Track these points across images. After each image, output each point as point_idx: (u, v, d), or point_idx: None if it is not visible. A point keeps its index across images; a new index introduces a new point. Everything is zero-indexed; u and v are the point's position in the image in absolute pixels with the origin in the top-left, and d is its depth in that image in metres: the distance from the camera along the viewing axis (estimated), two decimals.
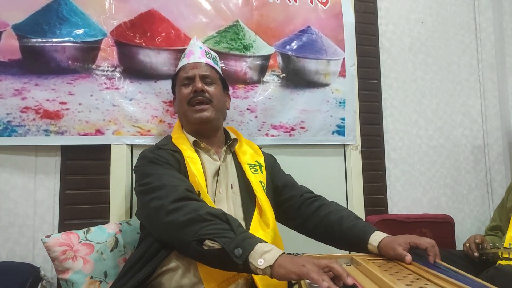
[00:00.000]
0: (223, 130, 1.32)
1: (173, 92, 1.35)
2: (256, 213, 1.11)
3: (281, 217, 1.24)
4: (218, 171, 1.15)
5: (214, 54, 1.36)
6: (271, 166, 1.31)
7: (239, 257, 0.77)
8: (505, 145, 2.18)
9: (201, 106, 1.18)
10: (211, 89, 1.21)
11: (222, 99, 1.27)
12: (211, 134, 1.24)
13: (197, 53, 1.28)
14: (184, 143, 1.16)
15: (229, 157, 1.23)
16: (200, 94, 1.18)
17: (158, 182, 0.98)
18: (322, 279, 0.69)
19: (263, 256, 0.77)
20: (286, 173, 1.36)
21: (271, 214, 1.13)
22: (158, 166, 1.05)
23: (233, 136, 1.28)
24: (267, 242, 0.81)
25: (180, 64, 1.29)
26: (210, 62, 1.27)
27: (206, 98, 1.19)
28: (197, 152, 1.17)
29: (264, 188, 1.18)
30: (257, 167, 1.22)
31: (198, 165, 1.10)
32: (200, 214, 0.86)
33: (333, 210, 1.14)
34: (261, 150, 1.35)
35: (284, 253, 0.79)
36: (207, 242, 0.82)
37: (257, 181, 1.17)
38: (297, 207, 1.21)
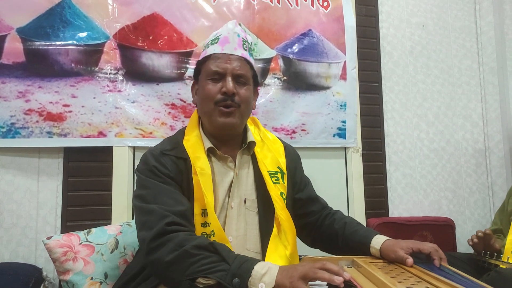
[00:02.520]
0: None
1: (195, 77, 1.09)
2: (275, 231, 1.00)
3: (297, 231, 1.12)
4: (232, 183, 1.02)
5: (250, 39, 1.10)
6: (294, 171, 1.14)
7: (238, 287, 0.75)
8: (506, 149, 2.18)
9: (228, 110, 0.99)
10: (242, 91, 1.01)
11: (251, 102, 1.06)
12: (230, 138, 1.07)
13: (233, 42, 1.03)
14: (197, 149, 1.00)
15: (247, 162, 1.07)
16: (230, 98, 0.99)
17: (149, 204, 0.90)
18: None
19: (262, 279, 0.75)
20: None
21: (291, 234, 1.01)
22: (156, 178, 0.94)
23: (251, 137, 1.08)
24: (260, 261, 0.79)
25: (211, 50, 1.03)
26: (246, 55, 1.05)
27: (236, 103, 1.00)
28: (210, 159, 1.02)
29: (285, 201, 1.04)
30: (279, 175, 1.06)
31: (208, 179, 0.96)
32: (186, 249, 0.80)
33: (336, 219, 1.12)
34: (284, 146, 1.17)
35: (279, 268, 0.77)
36: (201, 279, 0.78)
37: (278, 193, 1.03)
38: (313, 224, 1.14)
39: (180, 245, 0.81)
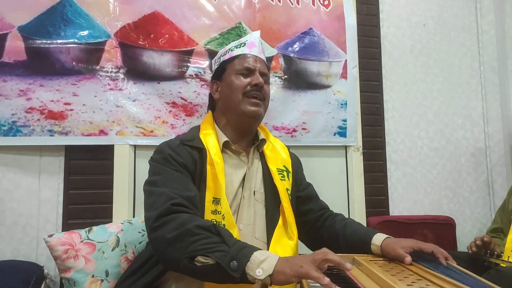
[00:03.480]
0: None
1: (217, 77, 1.20)
2: (280, 222, 1.07)
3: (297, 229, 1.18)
4: (245, 175, 1.10)
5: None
6: (296, 171, 1.23)
7: (235, 270, 0.75)
8: (506, 148, 2.18)
9: (257, 101, 1.11)
10: (266, 86, 1.16)
11: (269, 99, 1.21)
12: (249, 133, 1.17)
13: (258, 47, 1.18)
14: (212, 142, 1.08)
15: (257, 159, 1.16)
16: (260, 90, 1.11)
17: (160, 188, 0.94)
18: (322, 276, 0.70)
19: (261, 265, 0.75)
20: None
21: (295, 227, 1.09)
22: (169, 165, 0.99)
23: (261, 135, 1.20)
24: (260, 249, 0.80)
25: (237, 51, 1.16)
26: (265, 60, 1.21)
27: (262, 95, 1.13)
28: (224, 153, 1.10)
29: (290, 197, 1.12)
30: (285, 173, 1.16)
31: (222, 170, 1.03)
32: (188, 228, 0.82)
33: (337, 220, 1.15)
34: (288, 150, 1.27)
35: (279, 257, 0.78)
36: (199, 258, 0.79)
37: (284, 188, 1.11)
38: (311, 223, 1.19)
39: (182, 224, 0.83)
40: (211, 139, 1.08)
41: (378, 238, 1.01)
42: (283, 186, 1.11)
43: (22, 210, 1.51)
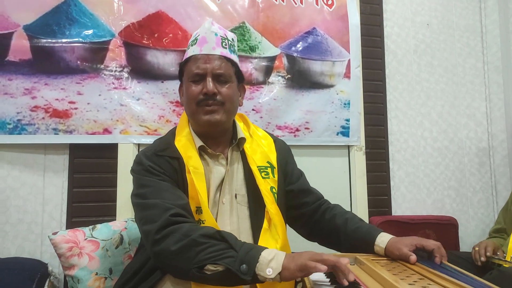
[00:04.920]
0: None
1: (180, 79, 1.12)
2: (265, 225, 1.03)
3: (290, 222, 1.17)
4: (223, 178, 1.04)
5: (231, 37, 1.10)
6: (284, 164, 1.15)
7: (246, 273, 0.76)
8: (510, 148, 2.18)
9: (211, 108, 1.02)
10: (223, 89, 1.03)
11: (235, 99, 1.08)
12: (219, 135, 1.09)
13: (211, 42, 1.04)
14: (188, 149, 1.03)
15: (237, 159, 1.09)
16: (211, 98, 1.01)
17: (152, 199, 0.92)
18: (320, 264, 0.73)
19: (270, 265, 0.77)
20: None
21: (281, 228, 1.04)
22: (154, 176, 0.97)
23: (241, 134, 1.10)
24: (267, 248, 0.81)
25: (190, 52, 1.06)
26: (226, 52, 1.06)
27: (218, 102, 1.02)
28: (202, 157, 1.04)
29: (275, 196, 1.05)
30: (269, 169, 1.08)
31: (201, 177, 0.99)
32: (193, 238, 0.81)
33: (337, 214, 1.12)
34: (273, 140, 1.18)
35: (286, 254, 0.80)
36: (209, 266, 0.79)
37: (268, 188, 1.05)
38: (308, 216, 1.16)
39: (186, 234, 0.83)
40: (187, 146, 1.03)
41: (383, 240, 0.99)
42: (267, 185, 1.05)
43: (27, 208, 1.53)
